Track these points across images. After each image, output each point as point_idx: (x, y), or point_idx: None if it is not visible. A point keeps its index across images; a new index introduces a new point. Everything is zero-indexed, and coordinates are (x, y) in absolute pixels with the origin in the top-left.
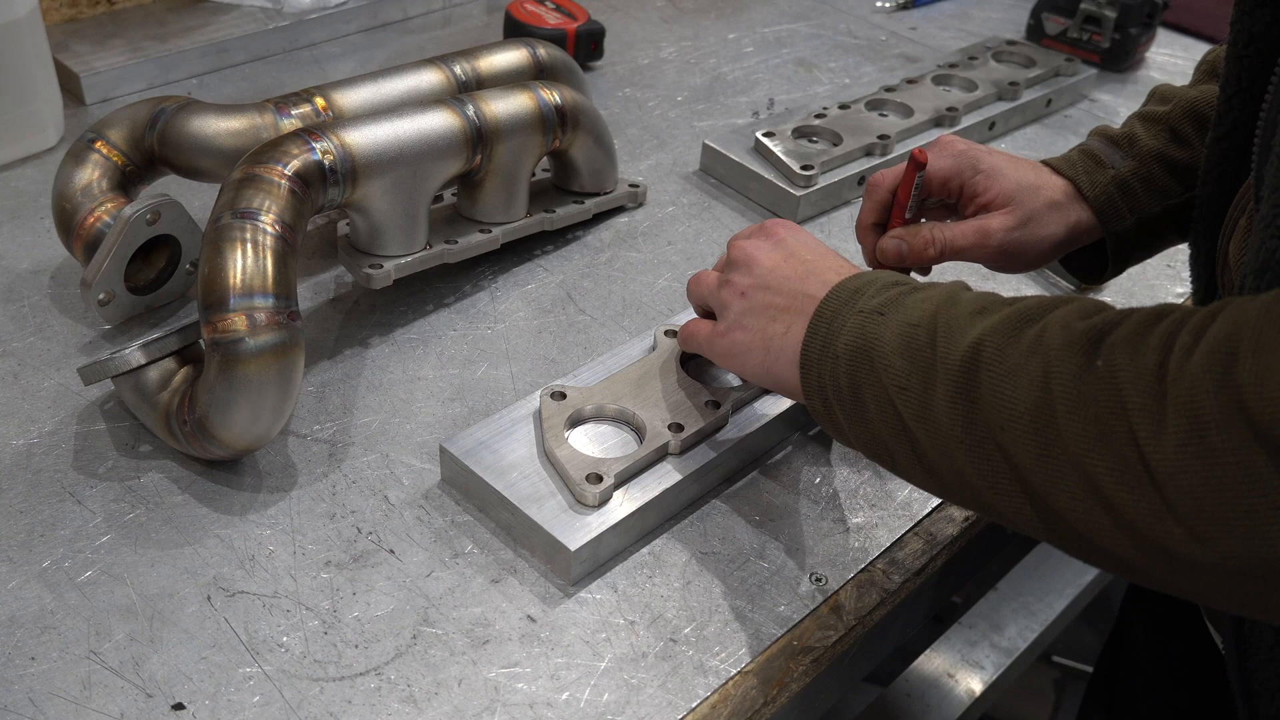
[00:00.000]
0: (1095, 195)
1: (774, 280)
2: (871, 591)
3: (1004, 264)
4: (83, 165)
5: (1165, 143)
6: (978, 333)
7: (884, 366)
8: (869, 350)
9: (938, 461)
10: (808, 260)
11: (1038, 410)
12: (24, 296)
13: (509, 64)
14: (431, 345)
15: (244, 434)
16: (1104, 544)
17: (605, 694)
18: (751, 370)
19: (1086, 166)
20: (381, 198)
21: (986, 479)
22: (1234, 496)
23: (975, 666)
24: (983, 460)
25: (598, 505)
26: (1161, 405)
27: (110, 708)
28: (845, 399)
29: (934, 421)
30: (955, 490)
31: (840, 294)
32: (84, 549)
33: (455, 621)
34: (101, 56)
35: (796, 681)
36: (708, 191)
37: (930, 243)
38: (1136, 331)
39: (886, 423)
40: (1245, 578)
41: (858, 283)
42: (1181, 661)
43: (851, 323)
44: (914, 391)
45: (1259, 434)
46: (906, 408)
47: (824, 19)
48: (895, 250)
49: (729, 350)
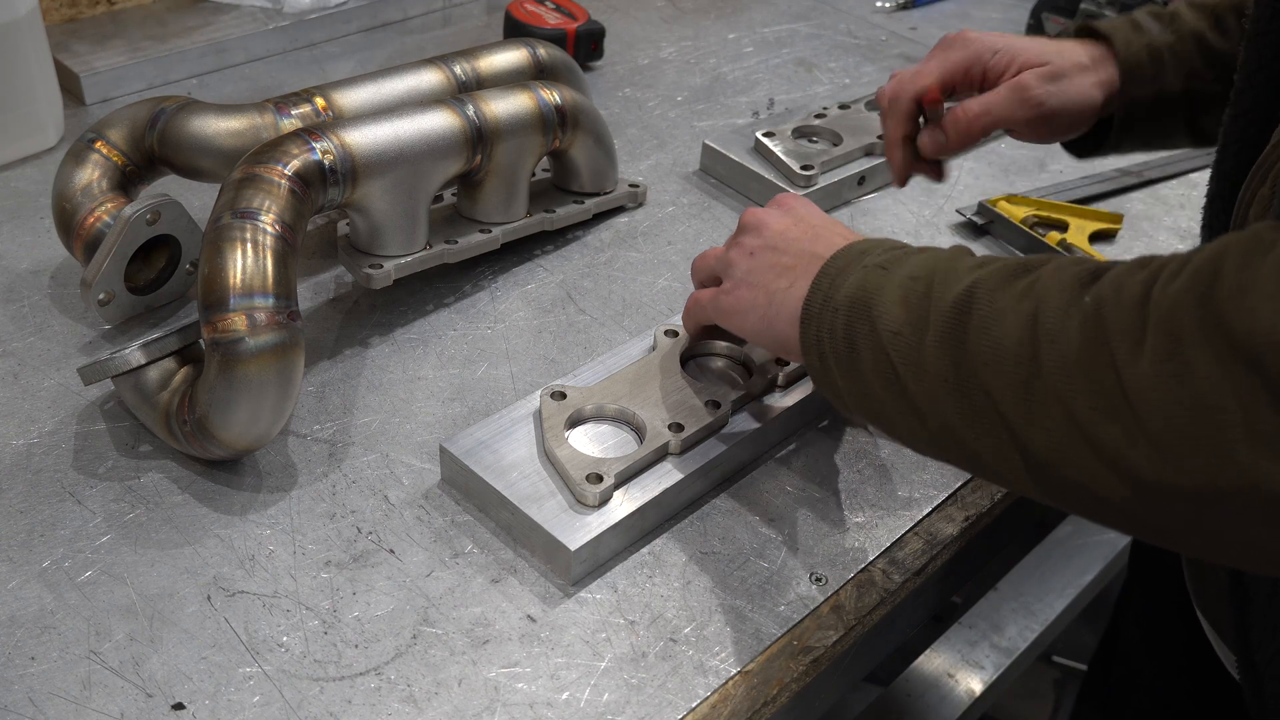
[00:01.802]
0: (1127, 55)
1: (782, 242)
2: (871, 591)
3: (1044, 126)
4: (83, 165)
5: (1207, 27)
6: (972, 279)
7: (880, 314)
8: (868, 301)
9: (926, 409)
10: (817, 226)
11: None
12: (24, 296)
13: (509, 64)
14: (431, 345)
15: (244, 434)
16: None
17: (605, 694)
18: (752, 326)
19: (1124, 28)
20: (381, 198)
21: (970, 422)
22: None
23: (975, 666)
24: (967, 402)
25: (598, 505)
26: (1142, 327)
27: (110, 708)
28: (841, 351)
29: (923, 365)
30: (942, 440)
31: (847, 253)
32: (84, 549)
33: (455, 621)
34: (101, 56)
35: (796, 681)
36: (708, 191)
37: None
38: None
39: (879, 371)
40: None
41: (865, 245)
42: (1175, 658)
43: (854, 277)
44: (906, 336)
45: (1235, 347)
46: (898, 353)
47: (824, 19)
48: (933, 140)
49: (732, 307)
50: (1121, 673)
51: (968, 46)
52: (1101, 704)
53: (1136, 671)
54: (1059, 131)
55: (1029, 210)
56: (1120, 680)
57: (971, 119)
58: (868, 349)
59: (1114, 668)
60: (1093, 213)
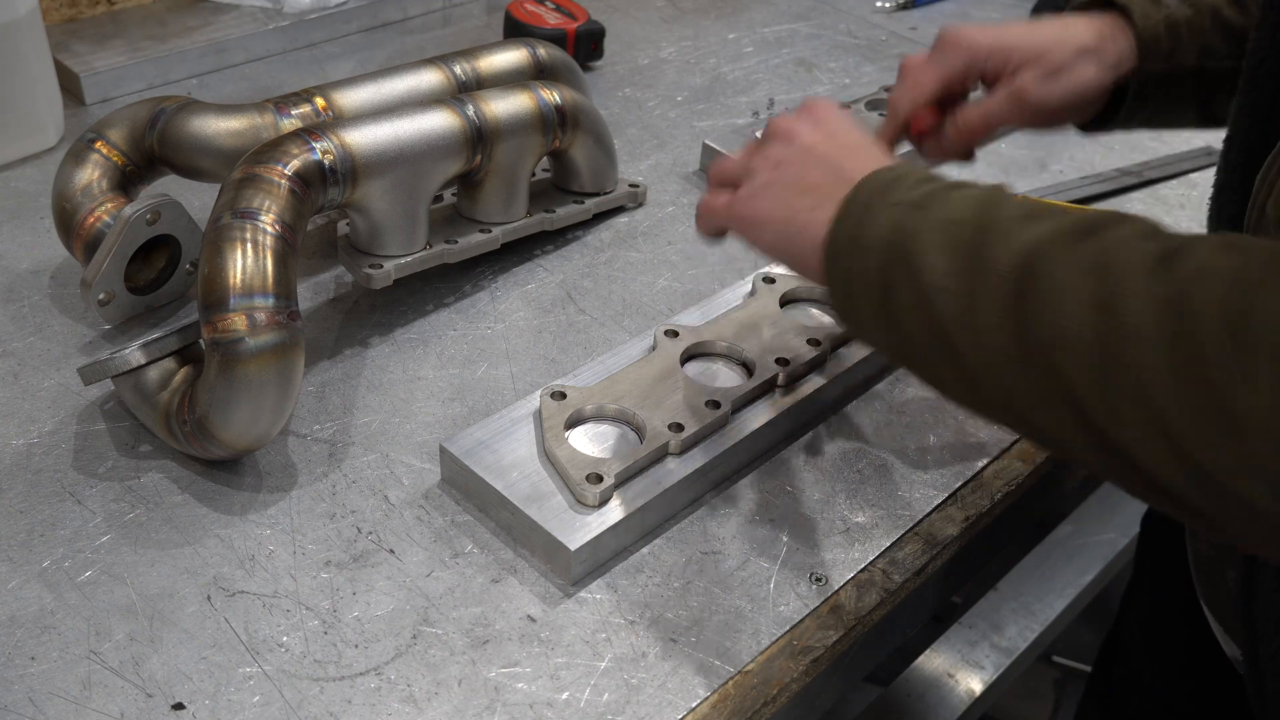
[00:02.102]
0: (1145, 28)
1: (810, 157)
2: (871, 591)
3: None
4: (83, 165)
5: (1225, 3)
6: (1031, 238)
7: (923, 264)
8: (905, 245)
9: (980, 375)
10: (849, 144)
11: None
12: (24, 296)
13: (509, 64)
14: (431, 345)
15: (244, 434)
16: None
17: (605, 694)
18: (769, 241)
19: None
20: (381, 198)
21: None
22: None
23: (975, 666)
24: (1033, 379)
25: (598, 505)
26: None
27: (110, 708)
28: (874, 294)
29: (979, 331)
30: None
31: (874, 182)
32: (84, 549)
33: (455, 621)
34: (101, 56)
35: (796, 681)
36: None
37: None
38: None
39: (920, 324)
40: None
41: (893, 174)
42: (1178, 658)
43: (886, 214)
44: (956, 293)
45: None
46: (947, 309)
47: (824, 19)
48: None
49: (750, 216)
50: (1123, 673)
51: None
52: (1103, 704)
53: (1138, 672)
54: (1067, 119)
55: None
56: (1122, 680)
57: (972, 128)
58: (909, 299)
59: (1116, 668)
60: None
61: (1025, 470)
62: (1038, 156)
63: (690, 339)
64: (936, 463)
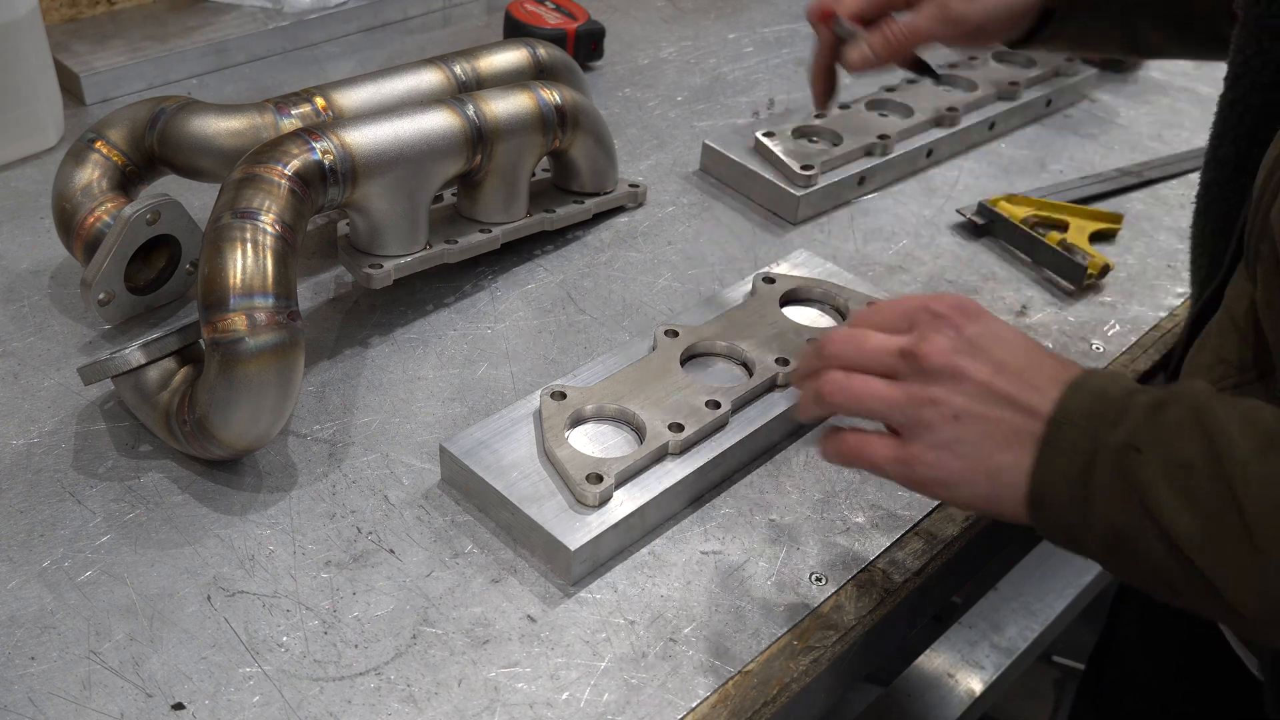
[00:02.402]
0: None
1: (989, 398)
2: (871, 591)
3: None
4: (83, 165)
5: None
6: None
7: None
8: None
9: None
10: (1020, 368)
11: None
12: (24, 296)
13: (509, 64)
14: (431, 345)
15: (244, 434)
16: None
17: (605, 694)
18: (966, 500)
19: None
20: (381, 198)
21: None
22: None
23: (975, 666)
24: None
25: (598, 505)
26: None
27: (110, 708)
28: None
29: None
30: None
31: (1073, 417)
32: (84, 549)
33: (455, 621)
34: (101, 56)
35: (796, 681)
36: (708, 191)
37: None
38: None
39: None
40: None
41: (1088, 401)
42: (1173, 658)
43: (1104, 460)
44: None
45: None
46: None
47: None
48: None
49: (937, 479)
50: (1117, 674)
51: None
52: (1097, 705)
53: (1133, 673)
54: (994, 37)
55: (1029, 210)
56: (1116, 681)
57: (897, 39)
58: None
59: (1109, 669)
60: (1093, 213)
61: None
62: (1038, 156)
63: (690, 339)
64: None
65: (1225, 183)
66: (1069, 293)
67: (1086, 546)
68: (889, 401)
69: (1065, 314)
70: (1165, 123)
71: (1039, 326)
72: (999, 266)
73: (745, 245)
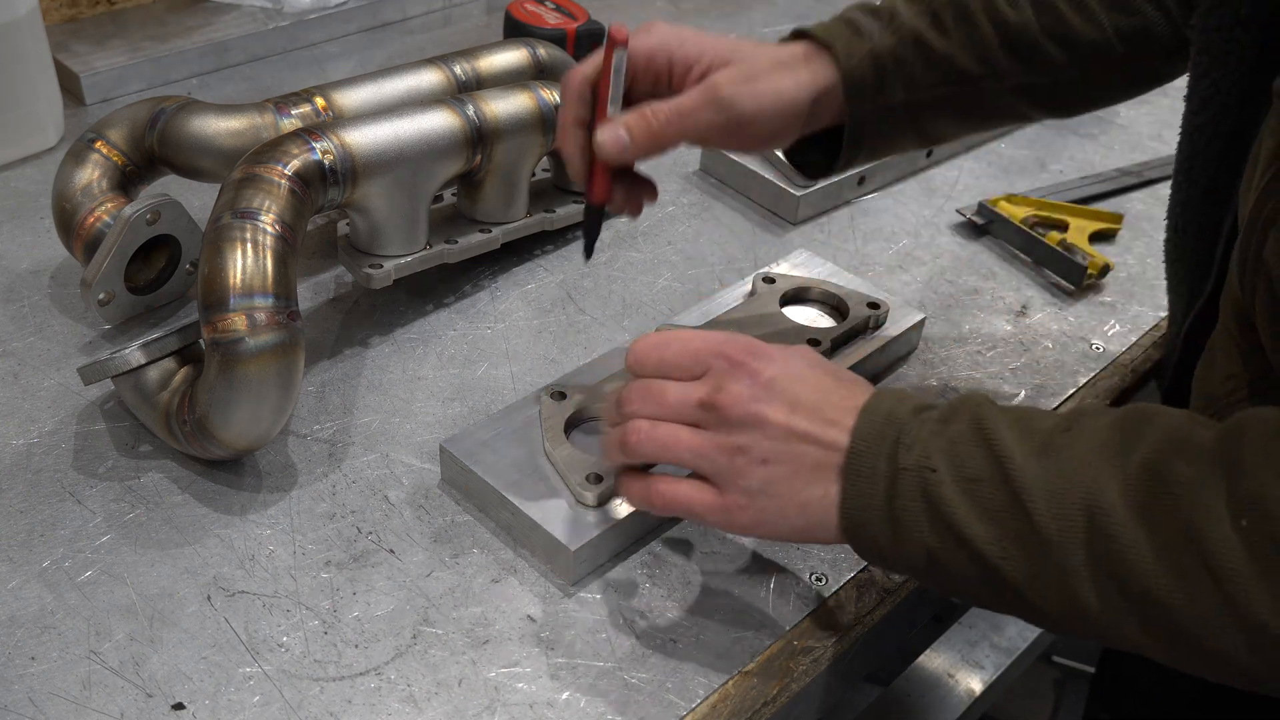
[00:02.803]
0: (850, 68)
1: (793, 439)
2: (871, 591)
3: (742, 133)
4: (83, 165)
5: (926, 26)
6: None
7: (970, 535)
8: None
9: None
10: (816, 404)
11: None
12: (24, 296)
13: (509, 64)
14: (431, 345)
15: (244, 434)
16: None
17: (605, 694)
18: (786, 536)
19: (844, 34)
20: (381, 197)
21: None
22: None
23: (975, 666)
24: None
25: (598, 505)
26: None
27: (110, 708)
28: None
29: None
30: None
31: (868, 443)
32: (84, 549)
33: (455, 621)
34: (101, 56)
35: (796, 681)
36: (708, 191)
37: (651, 116)
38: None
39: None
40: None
41: (879, 425)
42: None
43: (904, 482)
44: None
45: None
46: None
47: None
48: (614, 140)
49: (756, 521)
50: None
51: (653, 34)
52: (1105, 704)
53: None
54: (761, 139)
55: (1029, 210)
56: (1127, 680)
57: (661, 122)
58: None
59: (1122, 667)
60: (1093, 213)
61: None
62: (1038, 156)
63: None
64: None
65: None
66: (1069, 293)
67: (902, 566)
68: (697, 451)
69: (1065, 314)
70: (1165, 123)
71: (1039, 326)
72: (999, 266)
73: (745, 245)
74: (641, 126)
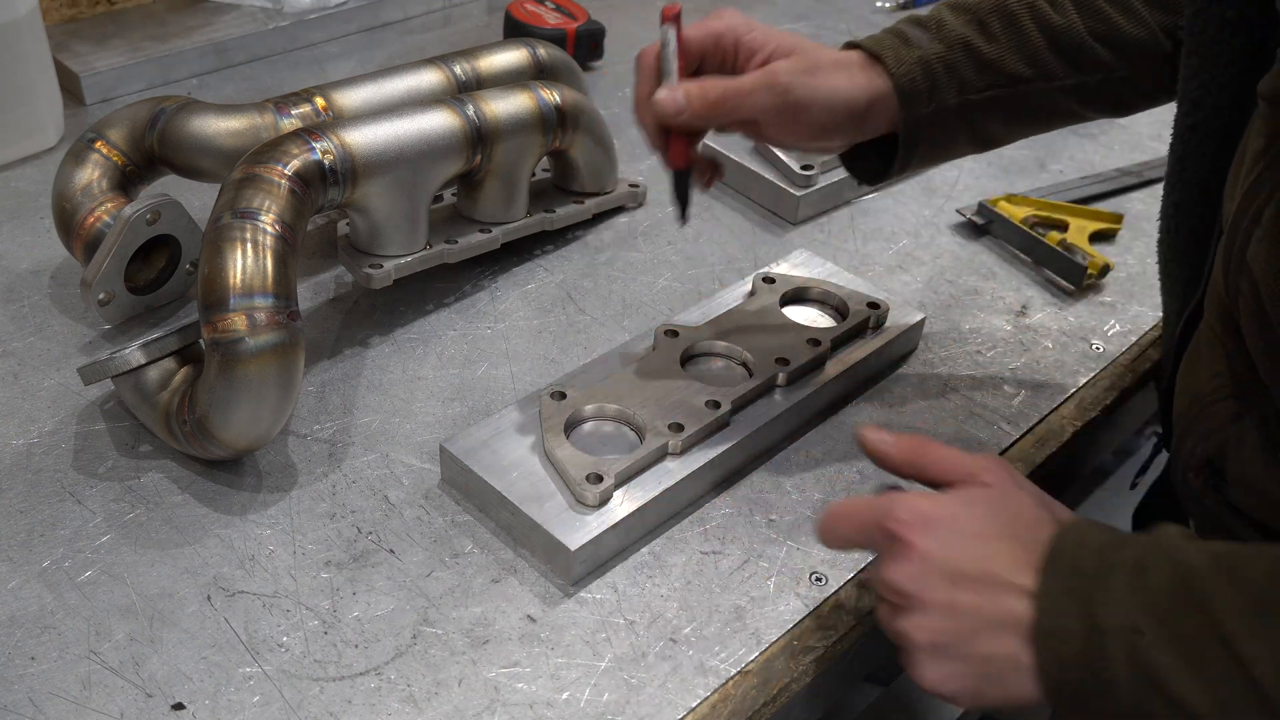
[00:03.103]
0: (900, 73)
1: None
2: (871, 591)
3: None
4: (83, 165)
5: (973, 33)
6: None
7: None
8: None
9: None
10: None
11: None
12: (24, 296)
13: (509, 64)
14: (431, 345)
15: (244, 434)
16: None
17: (605, 694)
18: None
19: (893, 44)
20: (381, 197)
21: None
22: None
23: None
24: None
25: (598, 505)
26: None
27: (110, 708)
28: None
29: None
30: None
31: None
32: (84, 549)
33: (455, 621)
34: (101, 56)
35: (796, 681)
36: (708, 191)
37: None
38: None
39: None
40: None
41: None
42: None
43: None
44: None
45: None
46: None
47: (824, 19)
48: (670, 100)
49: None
50: None
51: (724, 18)
52: None
53: None
54: (813, 131)
55: (1029, 210)
56: None
57: (718, 93)
58: None
59: None
60: (1093, 213)
61: (1025, 470)
62: (1038, 156)
63: (690, 339)
64: None
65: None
66: (1069, 293)
67: None
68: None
69: (1065, 314)
70: (1165, 123)
71: (1039, 326)
72: (999, 266)
73: (745, 245)
74: (698, 94)
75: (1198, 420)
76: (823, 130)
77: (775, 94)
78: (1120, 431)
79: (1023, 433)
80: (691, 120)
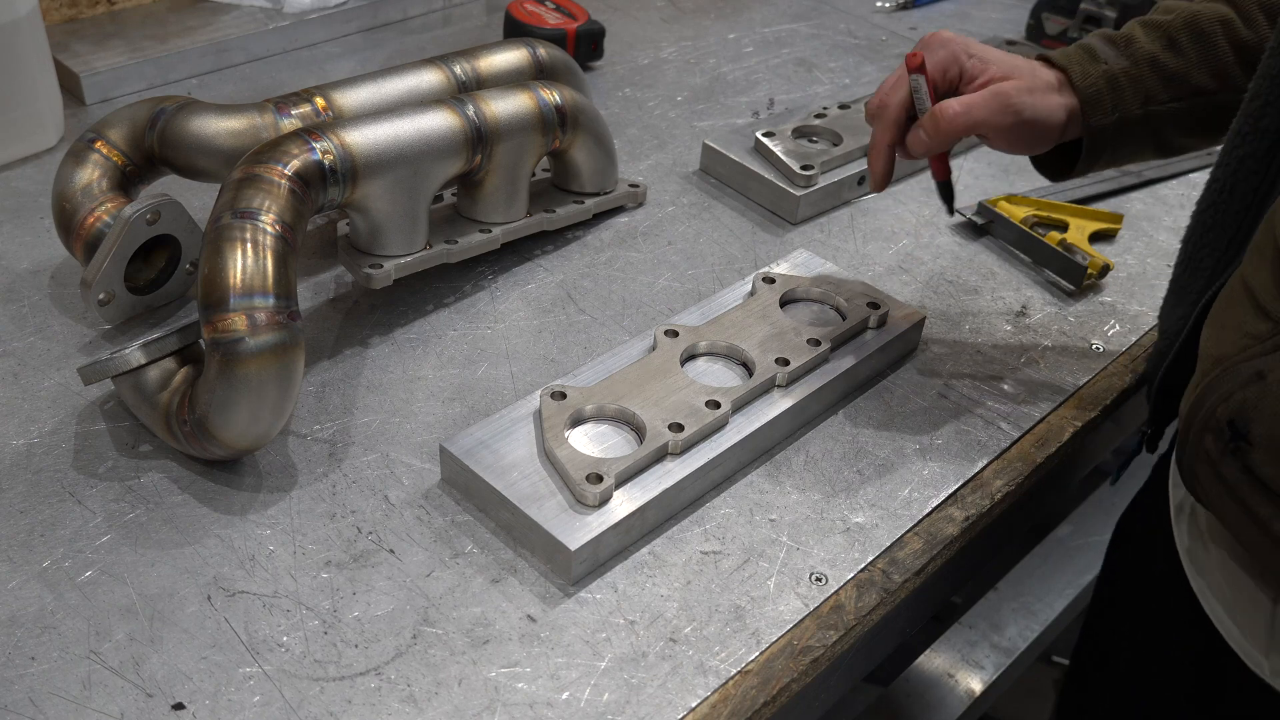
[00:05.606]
0: (1085, 85)
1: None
2: (871, 591)
3: (1017, 135)
4: (83, 165)
5: (1161, 49)
6: None
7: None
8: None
9: None
10: None
11: None
12: (24, 296)
13: (509, 64)
14: (431, 345)
15: (244, 434)
16: None
17: (605, 694)
18: None
19: (1080, 59)
20: (381, 198)
21: None
22: None
23: (975, 666)
24: None
25: (598, 505)
26: None
27: (110, 708)
28: None
29: None
30: None
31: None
32: (84, 549)
33: (455, 621)
34: (101, 56)
35: (796, 682)
36: (708, 191)
37: (945, 113)
38: None
39: None
40: None
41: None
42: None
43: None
44: None
45: None
46: None
47: (824, 19)
48: (916, 140)
49: None
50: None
51: (946, 46)
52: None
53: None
54: (1028, 143)
55: (1029, 210)
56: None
57: (952, 117)
58: None
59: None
60: (1093, 213)
61: (1025, 470)
62: None
63: (690, 339)
64: (936, 462)
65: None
66: (1069, 293)
67: None
68: None
69: (1065, 314)
70: None
71: (1039, 327)
72: (999, 266)
73: (745, 245)
74: (931, 127)
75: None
76: (1034, 141)
77: (1008, 113)
78: (1120, 431)
79: (1023, 433)
80: (935, 149)
